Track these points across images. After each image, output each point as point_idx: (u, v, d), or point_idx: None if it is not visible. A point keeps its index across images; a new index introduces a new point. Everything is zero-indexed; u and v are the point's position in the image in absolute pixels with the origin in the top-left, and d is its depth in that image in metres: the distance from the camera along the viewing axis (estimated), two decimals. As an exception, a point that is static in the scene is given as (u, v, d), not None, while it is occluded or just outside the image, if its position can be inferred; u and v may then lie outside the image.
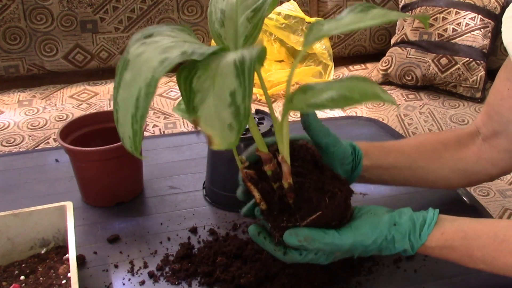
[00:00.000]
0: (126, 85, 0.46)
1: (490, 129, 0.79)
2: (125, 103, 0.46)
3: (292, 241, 0.59)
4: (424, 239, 0.62)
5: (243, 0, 0.57)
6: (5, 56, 1.92)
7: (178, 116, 1.73)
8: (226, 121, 0.45)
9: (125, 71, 0.47)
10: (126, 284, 0.70)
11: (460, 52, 1.86)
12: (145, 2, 1.97)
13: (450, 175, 0.79)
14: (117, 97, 0.46)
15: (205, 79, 0.47)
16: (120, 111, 0.46)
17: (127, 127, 0.46)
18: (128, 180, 0.87)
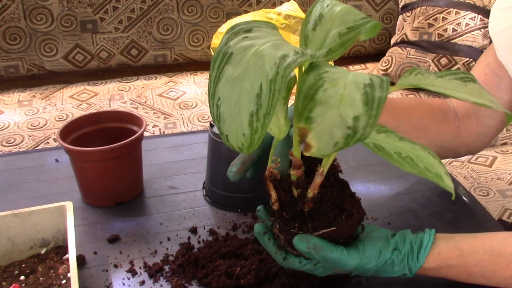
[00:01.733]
0: (234, 79, 0.44)
1: (463, 109, 0.82)
2: (235, 99, 0.43)
3: (301, 246, 0.59)
4: (421, 262, 0.63)
5: (344, 14, 0.56)
6: (5, 56, 1.92)
7: (178, 116, 1.74)
8: (335, 139, 0.44)
9: (227, 65, 0.44)
10: (126, 284, 0.70)
11: (460, 52, 1.86)
12: (145, 2, 1.97)
13: (428, 146, 0.81)
14: (217, 92, 0.44)
15: (331, 95, 0.45)
16: (226, 107, 0.44)
17: (240, 124, 0.43)
18: (128, 180, 0.87)
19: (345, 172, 0.77)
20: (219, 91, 0.44)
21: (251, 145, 0.44)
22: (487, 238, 0.63)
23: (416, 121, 0.79)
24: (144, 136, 0.87)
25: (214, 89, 0.45)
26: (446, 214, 0.83)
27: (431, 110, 0.81)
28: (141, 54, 2.04)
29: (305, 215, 0.60)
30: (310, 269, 0.62)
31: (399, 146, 0.54)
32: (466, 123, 0.81)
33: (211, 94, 0.45)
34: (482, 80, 0.79)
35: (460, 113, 0.82)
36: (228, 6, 2.05)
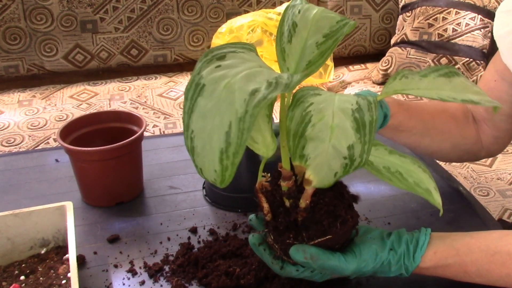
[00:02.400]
0: (205, 113, 0.43)
1: (478, 115, 0.83)
2: (206, 134, 0.42)
3: (298, 257, 0.58)
4: (418, 262, 0.63)
5: (318, 20, 0.54)
6: (5, 56, 1.92)
7: (178, 116, 1.74)
8: (334, 170, 0.45)
9: (199, 97, 0.43)
10: (126, 284, 0.70)
11: (460, 52, 1.86)
12: (145, 2, 1.97)
13: (450, 150, 0.82)
14: (191, 124, 0.43)
15: (321, 129, 0.45)
16: (198, 141, 0.43)
17: (212, 160, 0.43)
18: (128, 180, 0.87)
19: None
20: (192, 123, 0.43)
21: (223, 180, 0.43)
22: (483, 237, 0.64)
23: (442, 125, 0.80)
24: (144, 136, 0.87)
25: (188, 120, 0.44)
26: (446, 214, 0.83)
27: (455, 115, 0.83)
28: (141, 54, 2.04)
29: (298, 225, 0.60)
30: (308, 276, 0.62)
31: (389, 160, 0.54)
32: (483, 127, 0.83)
33: (186, 126, 0.44)
34: (492, 86, 0.80)
35: (477, 117, 0.83)
36: (228, 6, 2.05)
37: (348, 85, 2.02)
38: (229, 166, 0.42)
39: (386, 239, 0.63)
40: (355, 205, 0.63)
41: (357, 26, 2.18)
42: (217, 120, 0.42)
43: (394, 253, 0.62)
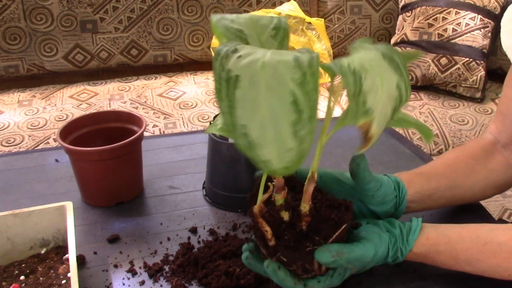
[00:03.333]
0: (253, 101, 0.39)
1: (507, 137, 0.80)
2: (265, 118, 0.39)
3: (325, 258, 0.57)
4: (411, 245, 0.63)
5: (257, 21, 0.53)
6: (5, 56, 1.92)
7: (178, 116, 1.73)
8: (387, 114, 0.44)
9: (237, 89, 0.39)
10: (126, 284, 0.70)
11: (460, 52, 1.86)
12: (145, 2, 1.97)
13: (485, 187, 0.79)
14: (238, 121, 0.39)
15: (371, 78, 0.43)
16: (255, 131, 0.39)
17: (282, 140, 0.39)
18: (128, 180, 0.87)
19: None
20: (241, 119, 0.39)
21: (300, 158, 0.39)
22: (474, 228, 0.65)
23: (464, 170, 0.78)
24: (144, 136, 0.87)
25: (232, 119, 0.39)
26: (446, 214, 0.83)
27: (472, 153, 0.80)
28: (141, 54, 2.04)
29: (304, 233, 0.58)
30: (329, 283, 0.61)
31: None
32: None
33: (231, 126, 0.39)
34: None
35: (506, 141, 0.80)
36: (228, 6, 2.05)
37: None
38: (307, 136, 0.39)
39: (380, 223, 0.65)
40: None
41: (357, 26, 2.18)
42: (274, 98, 0.39)
43: (392, 236, 0.63)
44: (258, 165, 0.40)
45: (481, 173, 0.79)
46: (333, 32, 2.16)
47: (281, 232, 0.58)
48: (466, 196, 0.79)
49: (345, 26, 2.16)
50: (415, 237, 0.64)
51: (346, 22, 2.16)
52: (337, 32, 2.17)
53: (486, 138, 0.83)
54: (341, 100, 1.95)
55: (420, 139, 1.67)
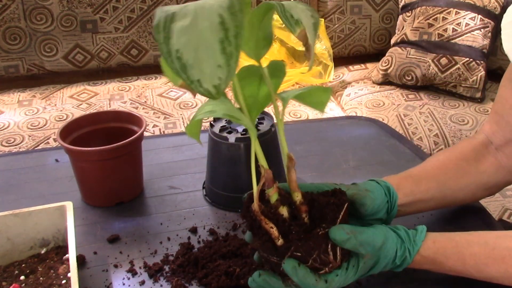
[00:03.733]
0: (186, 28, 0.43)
1: (501, 138, 0.79)
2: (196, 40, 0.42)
3: (340, 235, 0.57)
4: (419, 244, 0.63)
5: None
6: (5, 56, 1.92)
7: (178, 116, 1.73)
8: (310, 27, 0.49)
9: (173, 23, 0.43)
10: (126, 284, 0.70)
11: (460, 52, 1.86)
12: (145, 2, 1.97)
13: (475, 189, 0.79)
14: (172, 47, 0.42)
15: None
16: (188, 53, 0.42)
17: (212, 57, 0.42)
18: (128, 180, 0.87)
19: (345, 172, 0.78)
20: (175, 45, 0.42)
21: (229, 74, 0.42)
22: (481, 234, 0.64)
23: (454, 172, 0.77)
24: (144, 136, 0.87)
25: (168, 47, 0.42)
26: (446, 214, 0.83)
27: (463, 154, 0.80)
28: (141, 54, 2.04)
29: (307, 224, 0.57)
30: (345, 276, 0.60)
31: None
32: (507, 150, 0.79)
33: (167, 53, 0.42)
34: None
35: (499, 142, 0.80)
36: (228, 6, 2.05)
37: (348, 85, 2.02)
38: (234, 51, 0.42)
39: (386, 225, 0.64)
40: None
41: (357, 26, 2.18)
42: (204, 23, 0.43)
43: (398, 236, 0.62)
44: (191, 86, 0.42)
45: (472, 175, 0.78)
46: (333, 32, 2.16)
47: (286, 228, 0.57)
48: (456, 199, 0.78)
49: (345, 26, 2.16)
50: (422, 238, 0.63)
51: (346, 22, 2.16)
52: (337, 32, 2.17)
53: (478, 139, 0.82)
54: (341, 101, 1.95)
55: (420, 139, 1.67)
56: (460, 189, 0.77)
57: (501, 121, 0.79)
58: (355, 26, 2.17)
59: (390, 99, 1.87)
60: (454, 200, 0.79)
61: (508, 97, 0.78)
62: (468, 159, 0.79)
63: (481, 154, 0.80)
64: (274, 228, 0.56)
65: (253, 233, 0.59)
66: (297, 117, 1.76)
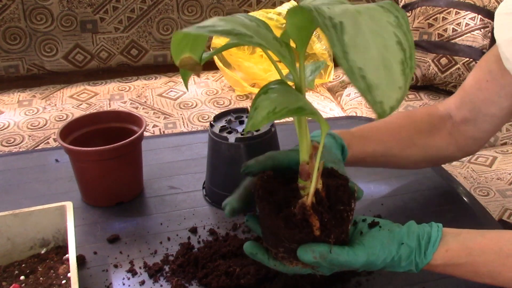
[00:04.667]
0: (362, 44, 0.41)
1: (461, 115, 0.82)
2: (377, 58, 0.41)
3: (307, 257, 0.56)
4: (429, 259, 0.61)
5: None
6: (5, 56, 1.92)
7: (178, 116, 1.73)
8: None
9: (344, 35, 0.41)
10: (126, 284, 0.70)
11: (460, 52, 1.86)
12: (145, 2, 1.97)
13: (419, 160, 0.82)
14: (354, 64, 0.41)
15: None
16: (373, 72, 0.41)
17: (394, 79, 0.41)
18: (128, 180, 0.87)
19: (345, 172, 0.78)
20: (355, 62, 0.41)
21: (404, 96, 0.41)
22: (496, 238, 0.62)
23: (404, 141, 0.80)
24: (144, 136, 0.87)
25: (349, 64, 0.40)
26: (446, 214, 0.83)
27: (418, 125, 0.82)
28: (141, 54, 2.04)
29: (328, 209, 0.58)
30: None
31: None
32: (461, 128, 0.82)
33: (349, 71, 0.40)
34: (483, 86, 0.79)
35: (456, 119, 0.82)
36: (228, 6, 2.05)
37: (348, 85, 2.03)
38: (409, 73, 0.42)
39: (396, 233, 0.61)
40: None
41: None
42: (380, 40, 0.42)
43: (406, 248, 0.60)
44: (373, 107, 0.40)
45: (420, 147, 0.81)
46: (333, 32, 2.16)
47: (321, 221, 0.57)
48: (398, 164, 0.82)
49: (345, 26, 2.16)
50: (434, 250, 0.61)
51: (346, 22, 2.16)
52: (337, 32, 2.16)
53: (439, 111, 0.84)
54: (341, 101, 1.95)
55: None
56: (405, 157, 0.81)
57: (466, 98, 0.82)
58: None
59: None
60: (395, 165, 0.83)
61: (479, 79, 0.80)
62: (422, 131, 0.81)
63: (436, 128, 0.82)
64: (318, 222, 0.57)
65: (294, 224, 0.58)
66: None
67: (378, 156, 0.78)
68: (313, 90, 1.96)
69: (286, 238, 0.58)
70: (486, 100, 0.79)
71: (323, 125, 0.52)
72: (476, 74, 0.82)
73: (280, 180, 0.62)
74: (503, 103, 0.79)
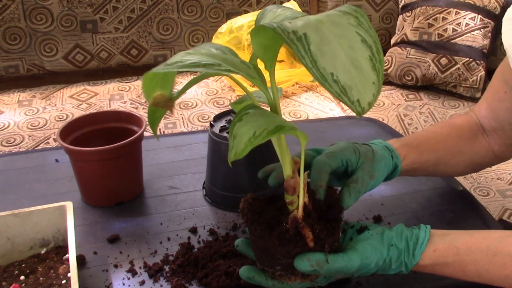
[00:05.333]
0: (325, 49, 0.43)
1: (489, 125, 0.83)
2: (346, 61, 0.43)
3: (304, 266, 0.57)
4: (417, 259, 0.62)
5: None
6: (5, 56, 1.92)
7: (178, 116, 1.73)
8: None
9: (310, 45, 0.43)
10: (126, 284, 0.70)
11: (460, 52, 1.86)
12: (145, 2, 1.97)
13: (464, 167, 0.83)
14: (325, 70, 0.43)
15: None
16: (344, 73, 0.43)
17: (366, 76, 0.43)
18: (128, 180, 0.87)
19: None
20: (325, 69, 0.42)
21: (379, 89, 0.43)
22: (483, 237, 0.64)
23: (452, 149, 0.80)
24: (144, 136, 0.87)
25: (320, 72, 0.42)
26: (446, 214, 0.83)
27: (462, 133, 0.83)
28: (141, 54, 2.04)
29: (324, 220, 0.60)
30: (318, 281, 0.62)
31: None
32: (494, 137, 0.83)
33: (322, 78, 0.42)
34: (502, 97, 0.80)
35: (487, 128, 0.83)
36: (228, 6, 2.05)
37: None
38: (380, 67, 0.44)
39: (385, 235, 0.63)
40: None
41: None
42: (345, 42, 0.43)
43: (395, 249, 0.62)
44: (351, 107, 0.42)
45: (467, 155, 0.81)
46: (333, 32, 2.16)
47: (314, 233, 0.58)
48: (445, 173, 0.82)
49: (345, 26, 2.16)
50: (421, 251, 0.62)
51: (346, 22, 2.16)
52: (337, 32, 2.17)
53: (473, 118, 0.85)
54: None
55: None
56: (453, 165, 0.81)
57: (489, 108, 0.83)
58: (355, 26, 2.17)
59: (390, 99, 1.87)
60: (442, 173, 0.83)
61: (498, 90, 0.81)
62: (466, 138, 0.82)
63: (475, 135, 0.83)
64: (311, 234, 0.57)
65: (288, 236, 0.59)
66: (297, 117, 1.76)
67: (429, 165, 0.78)
68: (313, 90, 1.97)
69: (282, 255, 0.59)
70: (508, 109, 0.80)
71: (301, 138, 0.53)
72: (494, 86, 0.83)
73: (264, 200, 0.63)
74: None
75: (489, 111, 0.83)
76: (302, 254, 0.58)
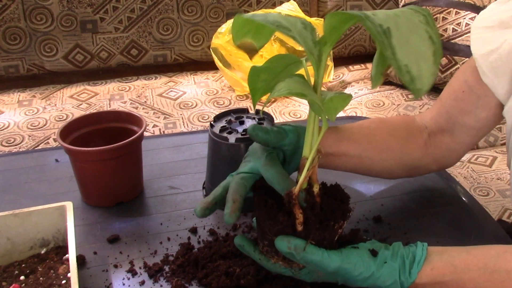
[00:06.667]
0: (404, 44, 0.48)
1: (437, 126, 0.81)
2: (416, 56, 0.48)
3: (282, 247, 0.59)
4: (414, 277, 0.61)
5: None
6: (5, 56, 1.92)
7: (178, 116, 1.74)
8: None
9: (391, 38, 0.48)
10: (126, 284, 0.70)
11: (460, 52, 1.86)
12: (145, 2, 1.97)
13: (394, 167, 0.80)
14: (401, 61, 0.48)
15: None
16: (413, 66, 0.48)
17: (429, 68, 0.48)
18: (128, 180, 0.87)
19: (346, 173, 0.78)
20: (401, 60, 0.48)
21: (435, 78, 0.49)
22: (481, 254, 0.63)
23: (379, 144, 0.78)
24: (144, 136, 0.87)
25: (397, 63, 0.48)
26: (446, 214, 0.83)
27: (394, 130, 0.80)
28: (141, 54, 2.04)
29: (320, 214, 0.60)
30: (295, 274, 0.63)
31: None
32: (438, 139, 0.81)
33: (398, 68, 0.48)
34: (460, 97, 0.79)
35: (433, 129, 0.81)
36: (228, 6, 2.05)
37: (348, 85, 2.03)
38: (439, 60, 0.50)
39: (381, 251, 0.62)
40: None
41: (357, 26, 2.18)
42: (417, 38, 0.49)
43: (389, 267, 0.61)
44: (413, 92, 0.48)
45: (395, 152, 0.79)
46: (333, 32, 2.16)
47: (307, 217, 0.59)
48: (372, 170, 0.79)
49: (345, 26, 2.16)
50: (418, 269, 0.62)
51: (346, 22, 2.16)
52: (337, 32, 2.16)
53: (414, 121, 0.83)
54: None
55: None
56: (378, 161, 0.78)
57: (442, 109, 0.81)
58: (355, 26, 2.17)
59: (390, 99, 1.87)
60: (370, 170, 0.79)
61: (456, 89, 0.80)
62: (398, 136, 0.80)
63: (412, 135, 0.81)
64: (302, 215, 0.58)
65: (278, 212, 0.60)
66: (297, 117, 1.76)
67: (353, 156, 0.75)
68: (313, 90, 1.96)
69: (270, 230, 0.60)
70: (462, 110, 0.79)
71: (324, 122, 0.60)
72: (452, 85, 0.81)
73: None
74: (479, 114, 0.78)
75: (441, 112, 0.81)
76: (286, 235, 0.59)
